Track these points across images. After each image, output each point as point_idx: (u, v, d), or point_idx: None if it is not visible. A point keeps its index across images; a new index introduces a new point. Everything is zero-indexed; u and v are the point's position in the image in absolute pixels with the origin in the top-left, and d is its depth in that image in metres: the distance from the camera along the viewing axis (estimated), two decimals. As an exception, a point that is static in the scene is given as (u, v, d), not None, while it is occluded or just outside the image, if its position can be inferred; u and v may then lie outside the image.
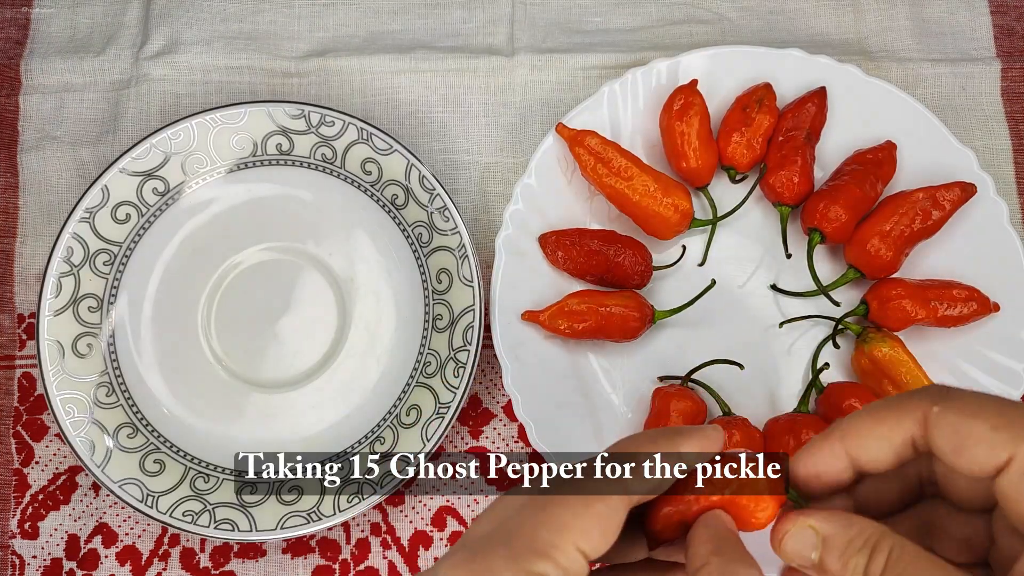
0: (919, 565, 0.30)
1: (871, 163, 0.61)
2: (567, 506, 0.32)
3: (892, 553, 0.30)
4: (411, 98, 0.67)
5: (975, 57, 0.69)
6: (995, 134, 0.68)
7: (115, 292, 0.61)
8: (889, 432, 0.32)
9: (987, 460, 0.30)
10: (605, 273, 0.60)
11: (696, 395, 0.58)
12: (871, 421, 0.33)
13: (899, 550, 0.30)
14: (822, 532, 0.32)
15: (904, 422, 0.32)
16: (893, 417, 0.32)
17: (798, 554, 0.32)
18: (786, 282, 0.63)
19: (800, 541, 0.32)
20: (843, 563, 0.31)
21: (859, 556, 0.30)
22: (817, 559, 0.32)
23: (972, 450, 0.30)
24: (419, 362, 0.61)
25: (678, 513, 0.35)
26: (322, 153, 0.63)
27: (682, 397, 0.57)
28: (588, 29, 0.69)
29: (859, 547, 0.31)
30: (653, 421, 0.58)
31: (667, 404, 0.57)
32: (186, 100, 0.67)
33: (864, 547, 0.31)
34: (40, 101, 0.68)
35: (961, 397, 0.31)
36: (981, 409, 0.31)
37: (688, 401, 0.57)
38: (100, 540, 0.61)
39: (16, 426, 0.62)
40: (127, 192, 0.61)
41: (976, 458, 0.30)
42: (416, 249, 0.62)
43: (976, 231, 0.61)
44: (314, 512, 0.57)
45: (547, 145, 0.62)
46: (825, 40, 0.69)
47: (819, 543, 0.32)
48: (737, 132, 0.62)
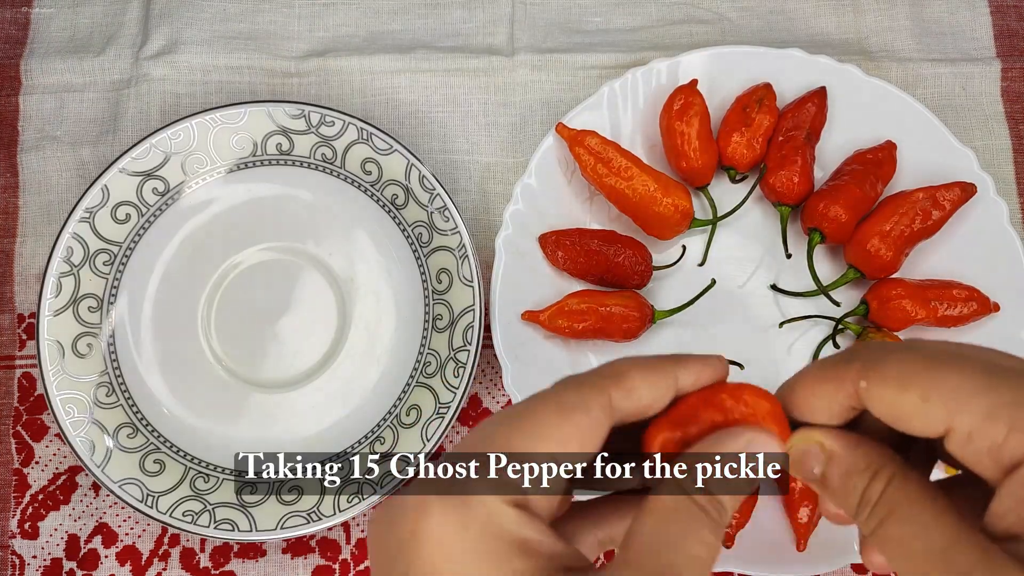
0: (912, 497, 0.29)
1: (871, 163, 0.61)
2: (544, 416, 0.32)
3: (892, 481, 0.30)
4: (411, 98, 0.67)
5: (975, 57, 0.69)
6: (995, 134, 0.68)
7: (115, 292, 0.61)
8: (828, 402, 0.32)
9: (925, 431, 0.29)
10: (605, 273, 0.60)
11: None
12: (806, 393, 0.32)
13: (900, 479, 0.30)
14: (828, 448, 0.31)
15: (838, 395, 0.31)
16: (825, 389, 0.32)
17: (801, 469, 0.32)
18: (786, 282, 0.63)
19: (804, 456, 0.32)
20: (843, 482, 0.30)
21: (859, 478, 0.30)
22: (819, 474, 0.31)
23: (908, 423, 0.30)
24: (419, 362, 0.61)
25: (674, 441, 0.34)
26: (322, 153, 0.63)
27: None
28: (588, 29, 0.69)
29: (861, 469, 0.30)
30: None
31: None
32: (186, 100, 0.67)
33: (866, 470, 0.30)
34: (40, 101, 0.67)
35: (887, 366, 0.30)
36: (909, 379, 0.29)
37: None
38: (100, 540, 0.61)
39: (16, 426, 0.62)
40: (127, 192, 0.61)
41: (915, 429, 0.30)
42: (416, 249, 0.62)
43: (976, 231, 0.61)
44: (314, 512, 0.57)
45: (547, 145, 0.62)
46: (825, 40, 0.69)
47: (824, 460, 0.31)
48: (737, 132, 0.62)
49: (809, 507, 0.56)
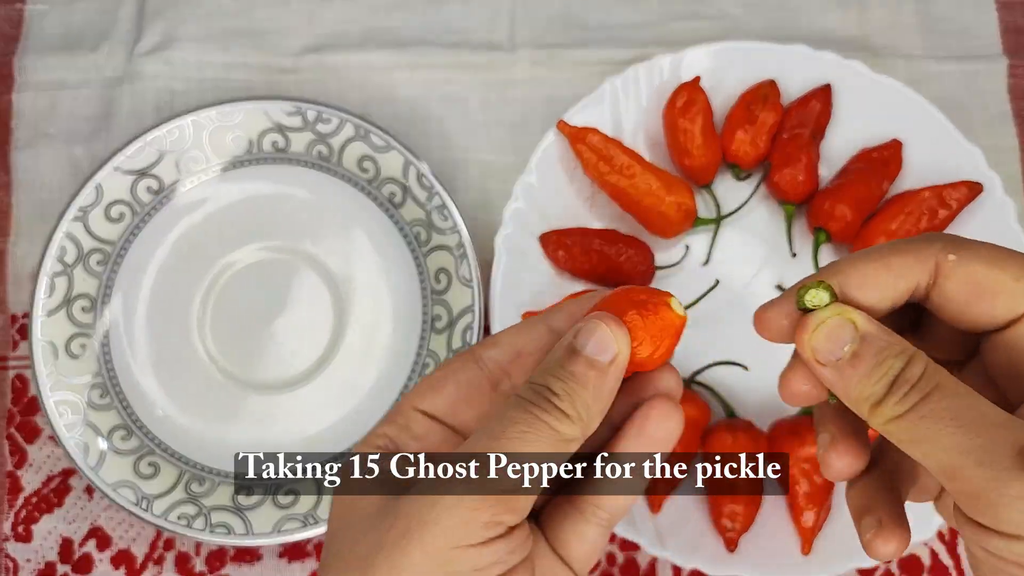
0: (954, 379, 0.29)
1: (877, 161, 0.60)
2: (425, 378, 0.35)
3: (928, 366, 0.29)
4: (409, 94, 0.67)
5: (982, 54, 0.68)
6: (1002, 132, 0.67)
7: (109, 292, 0.61)
8: (894, 280, 0.31)
9: (1006, 311, 0.29)
10: (607, 273, 0.60)
11: (699, 398, 0.58)
12: (876, 266, 0.31)
13: (934, 366, 0.29)
14: (862, 329, 0.30)
15: (914, 269, 0.30)
16: (902, 262, 0.31)
17: (828, 346, 0.30)
18: (791, 281, 0.62)
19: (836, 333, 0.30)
20: (879, 361, 0.29)
21: (897, 359, 0.29)
22: (849, 353, 0.30)
23: (991, 300, 0.30)
24: (417, 364, 0.60)
25: None
26: (319, 151, 0.62)
27: (685, 400, 0.57)
28: (590, 24, 0.69)
29: (897, 352, 0.29)
30: None
31: None
32: (181, 97, 0.67)
33: (903, 352, 0.29)
34: (34, 98, 0.67)
35: (976, 247, 0.30)
36: (1002, 260, 0.30)
37: (691, 404, 0.56)
38: (94, 544, 0.60)
39: (9, 428, 0.62)
40: (121, 190, 0.61)
41: (994, 309, 0.30)
42: (414, 248, 0.61)
43: (983, 230, 0.60)
44: (311, 516, 0.56)
45: (548, 142, 0.61)
46: (830, 37, 0.69)
47: (856, 339, 0.30)
48: (741, 129, 0.61)
49: (814, 511, 0.55)
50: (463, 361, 0.34)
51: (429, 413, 0.34)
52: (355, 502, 0.33)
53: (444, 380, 0.34)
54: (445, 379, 0.34)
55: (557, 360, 0.31)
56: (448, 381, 0.34)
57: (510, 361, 0.34)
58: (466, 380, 0.34)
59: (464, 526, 0.30)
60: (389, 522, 0.31)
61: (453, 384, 0.34)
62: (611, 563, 0.59)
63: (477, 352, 0.34)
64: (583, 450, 0.32)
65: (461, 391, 0.34)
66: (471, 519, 0.30)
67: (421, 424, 0.34)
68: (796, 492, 0.55)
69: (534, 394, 0.31)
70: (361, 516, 0.32)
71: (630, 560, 0.59)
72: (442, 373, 0.34)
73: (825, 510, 0.55)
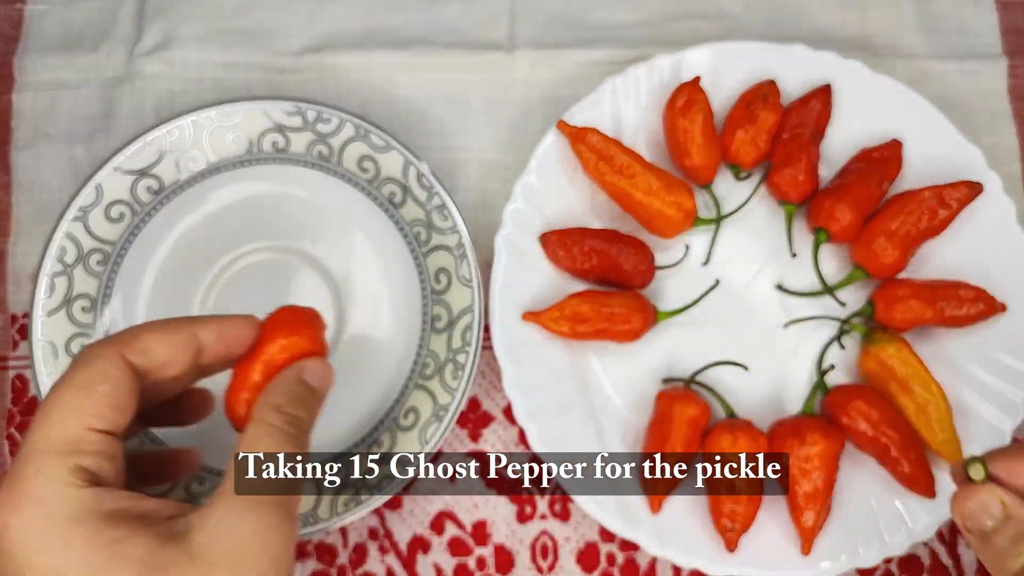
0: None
1: (877, 161, 0.60)
2: (66, 399, 0.37)
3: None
4: (409, 94, 0.67)
5: (982, 54, 0.68)
6: (1002, 132, 0.67)
7: (109, 292, 0.61)
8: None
9: None
10: (607, 273, 0.60)
11: (699, 397, 0.58)
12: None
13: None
14: (1010, 508, 0.32)
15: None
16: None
17: (974, 517, 0.33)
18: (791, 282, 0.62)
19: (983, 507, 0.33)
20: (1014, 543, 0.32)
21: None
22: (990, 529, 0.32)
23: None
24: (417, 364, 0.60)
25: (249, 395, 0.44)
26: (318, 151, 0.62)
27: (686, 400, 0.57)
28: (590, 24, 0.69)
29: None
30: (656, 424, 0.57)
31: (670, 407, 0.56)
32: (181, 97, 0.67)
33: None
34: (33, 98, 0.67)
35: None
36: None
37: (692, 403, 0.56)
38: (94, 544, 0.60)
39: (9, 428, 0.62)
40: (121, 190, 0.61)
41: None
42: (414, 248, 0.61)
43: (983, 230, 0.60)
44: (311, 516, 0.56)
45: (548, 142, 0.61)
46: (830, 36, 0.69)
47: (1001, 516, 0.32)
48: (741, 129, 0.61)
49: (814, 511, 0.55)
50: (105, 371, 0.38)
51: (100, 428, 0.37)
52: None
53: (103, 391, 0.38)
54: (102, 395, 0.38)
55: (298, 394, 0.43)
56: (103, 389, 0.38)
57: (157, 368, 0.40)
58: (116, 386, 0.38)
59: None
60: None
61: (106, 390, 0.38)
62: (611, 563, 0.59)
63: (122, 354, 0.38)
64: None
65: (113, 398, 0.38)
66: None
67: (101, 443, 0.38)
68: (796, 492, 0.55)
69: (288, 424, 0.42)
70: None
71: (630, 560, 0.59)
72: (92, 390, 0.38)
73: (825, 510, 0.55)
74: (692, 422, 0.56)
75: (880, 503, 0.57)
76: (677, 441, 0.56)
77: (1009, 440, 0.58)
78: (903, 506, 0.56)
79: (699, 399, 0.57)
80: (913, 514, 0.56)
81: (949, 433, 0.56)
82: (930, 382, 0.57)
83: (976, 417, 0.58)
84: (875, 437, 0.55)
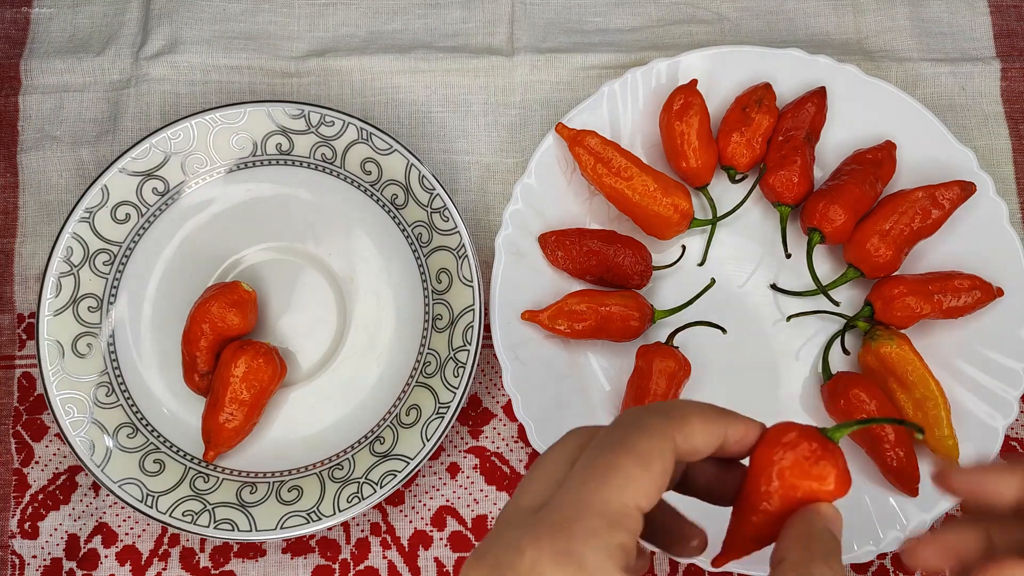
0: None
1: (870, 163, 0.61)
2: (629, 469, 0.33)
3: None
4: (411, 98, 0.67)
5: (975, 57, 0.69)
6: (995, 134, 0.68)
7: (115, 292, 0.61)
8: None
9: None
10: (605, 273, 0.60)
11: (679, 353, 0.58)
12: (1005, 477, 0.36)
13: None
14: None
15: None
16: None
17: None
18: (786, 282, 0.63)
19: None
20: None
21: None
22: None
23: None
24: (419, 362, 0.61)
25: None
26: (322, 153, 0.63)
27: (665, 355, 0.58)
28: (588, 29, 0.69)
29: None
30: (636, 379, 0.58)
31: (650, 362, 0.58)
32: (186, 100, 0.67)
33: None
34: (40, 101, 0.67)
35: None
36: None
37: (671, 359, 0.58)
38: (100, 540, 0.61)
39: (16, 426, 0.62)
40: (127, 192, 0.61)
41: None
42: (416, 249, 0.62)
43: (976, 231, 0.61)
44: (314, 512, 0.57)
45: (547, 145, 0.62)
46: (825, 40, 0.69)
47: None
48: (737, 132, 0.62)
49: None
50: (661, 450, 0.34)
51: (644, 509, 0.34)
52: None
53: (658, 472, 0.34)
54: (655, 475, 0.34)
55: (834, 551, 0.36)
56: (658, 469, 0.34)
57: (685, 455, 0.35)
58: (665, 469, 0.34)
59: None
60: None
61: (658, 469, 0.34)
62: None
63: (673, 437, 0.34)
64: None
65: (660, 480, 0.34)
66: None
67: (639, 524, 0.33)
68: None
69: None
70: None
71: (628, 556, 0.60)
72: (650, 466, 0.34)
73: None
74: (670, 375, 0.57)
75: (874, 500, 0.57)
76: (656, 394, 0.56)
77: (1002, 438, 0.58)
78: (896, 503, 0.57)
79: (678, 354, 0.58)
80: (906, 511, 0.57)
81: (947, 430, 0.57)
82: (929, 379, 0.57)
83: (969, 415, 0.58)
84: (869, 427, 0.56)
